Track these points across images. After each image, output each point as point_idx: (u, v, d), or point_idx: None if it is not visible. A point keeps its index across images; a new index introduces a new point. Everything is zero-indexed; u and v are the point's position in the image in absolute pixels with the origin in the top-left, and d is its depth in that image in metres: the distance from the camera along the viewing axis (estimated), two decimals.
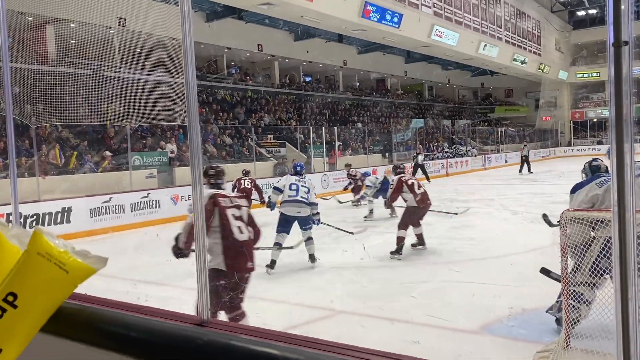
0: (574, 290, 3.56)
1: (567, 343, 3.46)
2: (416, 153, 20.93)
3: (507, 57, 30.63)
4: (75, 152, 12.81)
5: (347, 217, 11.06)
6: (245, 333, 1.73)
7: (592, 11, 37.43)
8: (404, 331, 4.23)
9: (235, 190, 9.52)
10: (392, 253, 6.93)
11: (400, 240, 6.99)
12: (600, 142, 38.65)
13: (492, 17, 28.92)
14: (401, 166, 8.88)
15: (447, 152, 27.11)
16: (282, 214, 6.66)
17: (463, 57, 28.21)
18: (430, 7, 23.17)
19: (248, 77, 24.20)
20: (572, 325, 3.47)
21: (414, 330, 4.25)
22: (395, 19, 20.68)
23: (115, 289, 4.46)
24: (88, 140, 13.81)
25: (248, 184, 10.32)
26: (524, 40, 33.02)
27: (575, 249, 3.69)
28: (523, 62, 32.34)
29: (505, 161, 29.01)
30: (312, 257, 6.65)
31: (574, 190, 4.25)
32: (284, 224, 6.62)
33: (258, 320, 4.49)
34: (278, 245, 6.49)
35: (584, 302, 3.59)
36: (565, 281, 3.54)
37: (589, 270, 3.58)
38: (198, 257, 1.68)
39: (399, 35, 21.80)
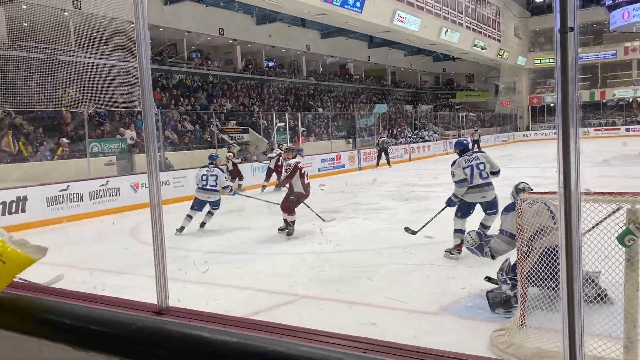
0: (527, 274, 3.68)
1: (522, 321, 3.59)
2: (380, 137, 21.09)
3: (468, 42, 31.05)
4: (22, 142, 12.32)
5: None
6: (205, 320, 1.72)
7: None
8: (362, 314, 4.29)
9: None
10: (280, 230, 7.56)
11: (292, 224, 7.51)
12: (554, 127, 39.62)
13: (453, 2, 29.21)
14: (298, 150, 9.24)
15: (409, 137, 27.40)
16: (195, 198, 8.47)
17: (425, 42, 28.46)
18: None
19: (209, 62, 23.80)
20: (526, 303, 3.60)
21: (371, 312, 4.32)
22: (358, 4, 20.66)
23: (73, 279, 4.36)
24: (43, 126, 13.35)
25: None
26: (484, 26, 33.52)
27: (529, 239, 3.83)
28: (483, 48, 32.87)
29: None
30: (202, 224, 8.49)
31: (506, 210, 4.47)
32: (198, 205, 8.41)
33: (219, 306, 4.48)
34: (190, 218, 8.30)
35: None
36: (520, 263, 3.66)
37: (532, 269, 3.69)
38: (155, 242, 1.66)
39: (361, 20, 21.81)
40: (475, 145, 23.21)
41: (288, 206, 7.58)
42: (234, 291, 5.15)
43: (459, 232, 5.95)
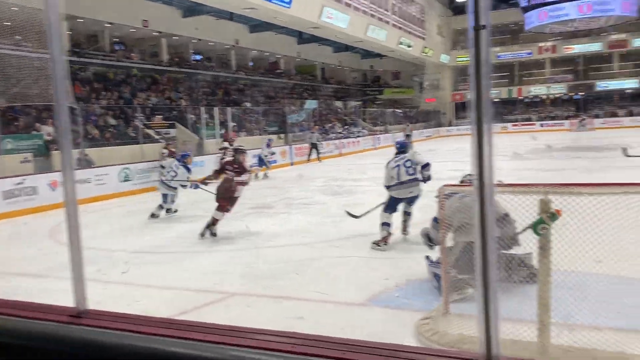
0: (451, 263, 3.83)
1: (446, 309, 3.73)
2: (311, 133, 21.20)
3: (394, 40, 31.79)
4: None
5: None
6: (128, 322, 1.66)
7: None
8: (291, 309, 4.31)
9: None
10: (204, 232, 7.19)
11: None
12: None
13: (379, 0, 29.78)
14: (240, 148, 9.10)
15: (340, 132, 27.73)
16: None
17: (353, 39, 28.85)
18: None
19: (133, 55, 22.92)
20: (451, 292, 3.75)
21: (300, 307, 4.35)
22: None
23: None
24: None
25: None
26: (409, 24, 34.45)
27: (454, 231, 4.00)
28: (408, 46, 33.77)
29: (394, 141, 30.30)
30: (153, 215, 8.94)
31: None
32: (163, 197, 9.13)
33: (142, 307, 4.35)
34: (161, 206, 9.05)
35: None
36: (443, 254, 3.80)
37: (455, 260, 3.86)
38: (71, 242, 1.58)
39: (290, 15, 21.78)
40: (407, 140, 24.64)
41: (226, 205, 7.39)
42: (159, 291, 5.01)
43: (385, 225, 6.12)
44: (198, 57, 27.81)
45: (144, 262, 6.17)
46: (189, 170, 9.28)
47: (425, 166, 6.44)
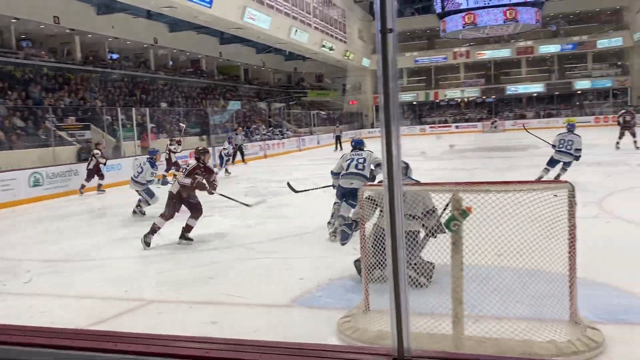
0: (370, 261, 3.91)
1: (366, 307, 3.81)
2: (235, 134, 20.95)
3: (316, 43, 32.14)
4: None
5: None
6: (25, 335, 1.57)
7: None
8: (208, 314, 4.23)
9: None
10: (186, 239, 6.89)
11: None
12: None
13: (301, 3, 29.99)
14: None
15: (264, 134, 27.63)
16: None
17: (276, 41, 28.86)
18: None
19: (44, 52, 21.62)
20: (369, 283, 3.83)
21: (217, 311, 4.29)
22: None
23: None
24: None
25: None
26: (331, 27, 34.96)
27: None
28: (331, 49, 34.25)
29: (318, 142, 30.60)
30: (140, 213, 9.14)
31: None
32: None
33: (58, 318, 4.12)
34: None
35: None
36: (363, 250, 3.88)
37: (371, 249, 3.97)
38: None
39: (211, 15, 21.44)
40: (338, 141, 25.31)
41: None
42: (74, 301, 4.76)
43: (340, 217, 6.25)
44: (114, 56, 26.70)
45: (57, 271, 5.84)
46: (154, 166, 9.37)
47: (378, 165, 6.67)
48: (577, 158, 9.86)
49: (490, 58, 43.21)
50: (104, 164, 13.09)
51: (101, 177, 13.00)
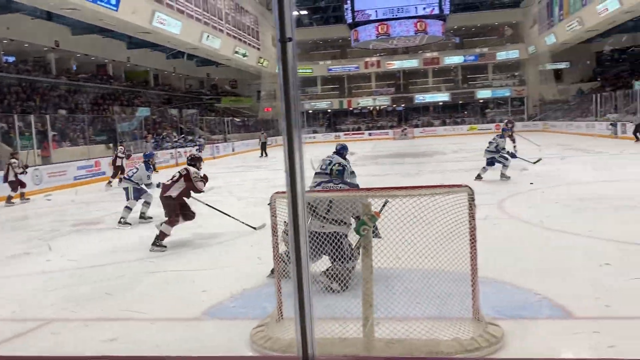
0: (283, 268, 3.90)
1: (280, 315, 3.79)
2: (146, 142, 20.20)
3: (229, 49, 31.83)
4: None
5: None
6: None
7: (304, 12, 41.47)
8: (106, 331, 4.01)
9: None
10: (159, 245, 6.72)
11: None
12: (315, 131, 43.53)
13: (213, 9, 29.61)
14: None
15: (176, 141, 26.87)
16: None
17: (187, 46, 28.25)
18: None
19: None
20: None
21: (122, 328, 4.09)
22: (113, 1, 19.45)
23: None
24: None
25: None
26: (244, 34, 34.79)
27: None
28: (244, 55, 34.06)
29: (233, 150, 30.24)
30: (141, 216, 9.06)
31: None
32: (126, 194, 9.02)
33: None
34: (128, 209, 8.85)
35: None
36: (275, 258, 3.86)
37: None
38: None
39: (118, 19, 20.60)
40: (264, 148, 25.41)
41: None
42: None
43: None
44: (10, 58, 24.91)
45: None
46: (149, 168, 9.31)
47: (352, 173, 7.02)
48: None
49: (399, 68, 44.90)
50: (24, 172, 12.57)
51: (23, 185, 12.63)
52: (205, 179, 7.28)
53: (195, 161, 7.33)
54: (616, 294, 4.12)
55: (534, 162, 12.16)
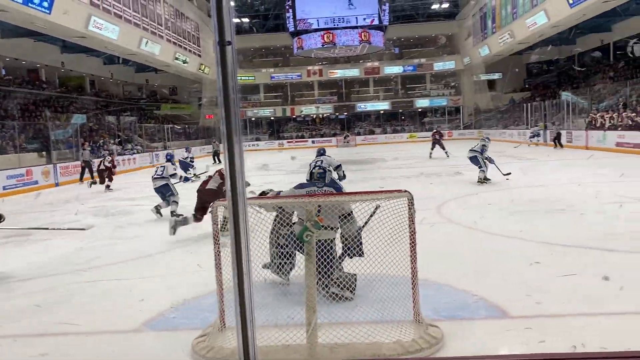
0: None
1: (222, 324, 3.74)
2: (83, 150, 19.39)
3: (169, 55, 31.20)
4: None
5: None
6: None
7: (245, 20, 41.29)
8: (36, 347, 3.83)
9: None
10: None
11: None
12: (258, 139, 43.30)
13: (152, 14, 28.97)
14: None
15: (112, 149, 26.00)
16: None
17: (125, 51, 27.44)
18: None
19: None
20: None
21: (48, 343, 3.92)
22: (46, 4, 18.66)
23: None
24: None
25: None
26: (185, 40, 34.23)
27: None
28: (185, 62, 33.47)
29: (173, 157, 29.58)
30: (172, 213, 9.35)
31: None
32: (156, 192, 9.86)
33: None
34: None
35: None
36: (217, 266, 3.80)
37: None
38: None
39: (51, 22, 19.72)
40: (216, 155, 24.96)
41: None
42: None
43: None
44: None
45: None
46: (173, 164, 10.71)
47: (338, 167, 7.50)
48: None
49: (341, 77, 45.47)
50: None
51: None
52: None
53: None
54: (546, 292, 4.34)
55: (505, 174, 12.46)
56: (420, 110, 45.97)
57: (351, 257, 4.30)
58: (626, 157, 17.15)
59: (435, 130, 22.92)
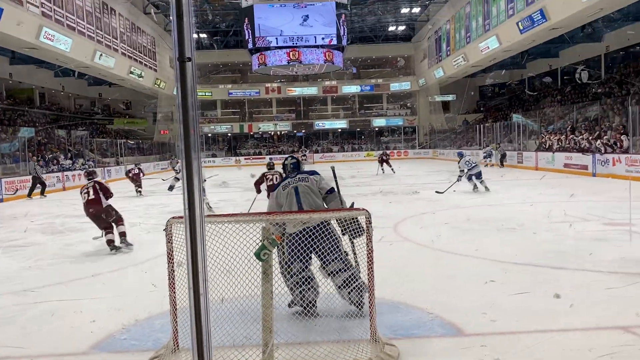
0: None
1: (175, 345, 3.63)
2: (35, 165, 18.63)
3: (124, 69, 30.64)
4: None
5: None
6: None
7: (203, 36, 41.07)
8: None
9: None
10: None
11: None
12: (214, 155, 42.90)
13: (107, 27, 28.46)
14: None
15: (62, 164, 25.14)
16: None
17: (78, 64, 26.75)
18: (37, 7, 21.12)
19: None
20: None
21: None
22: None
23: None
24: None
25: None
26: (140, 54, 33.71)
27: None
28: (140, 76, 32.93)
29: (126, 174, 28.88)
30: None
31: (272, 189, 4.65)
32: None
33: None
34: None
35: None
36: (170, 286, 3.70)
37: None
38: None
39: (0, 32, 19.08)
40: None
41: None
42: None
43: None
44: None
45: None
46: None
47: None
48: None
49: (300, 95, 45.75)
50: None
51: None
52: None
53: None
54: (500, 310, 4.42)
55: (443, 191, 13.40)
56: (377, 129, 46.66)
57: (354, 237, 4.13)
58: (574, 178, 17.87)
59: (381, 152, 26.05)
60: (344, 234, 4.20)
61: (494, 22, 27.51)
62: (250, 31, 35.07)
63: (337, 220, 4.14)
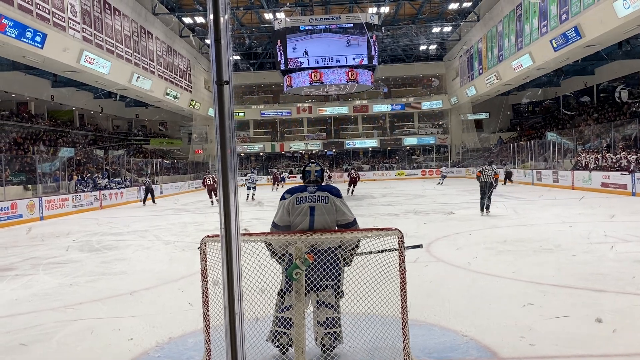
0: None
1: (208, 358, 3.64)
2: (75, 183, 19.22)
3: (160, 90, 31.44)
4: None
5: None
6: None
7: (237, 57, 41.90)
8: None
9: None
10: None
11: None
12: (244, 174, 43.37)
13: (144, 50, 29.31)
14: None
15: (99, 183, 25.82)
16: None
17: (116, 86, 27.60)
18: (79, 32, 21.95)
19: None
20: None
21: None
22: (38, 38, 18.81)
23: None
24: None
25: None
26: (176, 76, 34.57)
27: None
28: (175, 97, 33.72)
29: (161, 192, 29.44)
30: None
31: (282, 196, 4.09)
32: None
33: None
34: None
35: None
36: (204, 303, 3.72)
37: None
38: None
39: (43, 57, 19.86)
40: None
41: None
42: None
43: None
44: None
45: None
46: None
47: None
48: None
49: (330, 114, 46.03)
50: None
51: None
52: None
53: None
54: (539, 334, 4.29)
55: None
56: (408, 148, 46.44)
57: (347, 264, 3.87)
58: (613, 197, 17.36)
59: (353, 169, 28.31)
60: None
61: (526, 40, 27.21)
62: (282, 53, 35.59)
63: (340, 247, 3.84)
